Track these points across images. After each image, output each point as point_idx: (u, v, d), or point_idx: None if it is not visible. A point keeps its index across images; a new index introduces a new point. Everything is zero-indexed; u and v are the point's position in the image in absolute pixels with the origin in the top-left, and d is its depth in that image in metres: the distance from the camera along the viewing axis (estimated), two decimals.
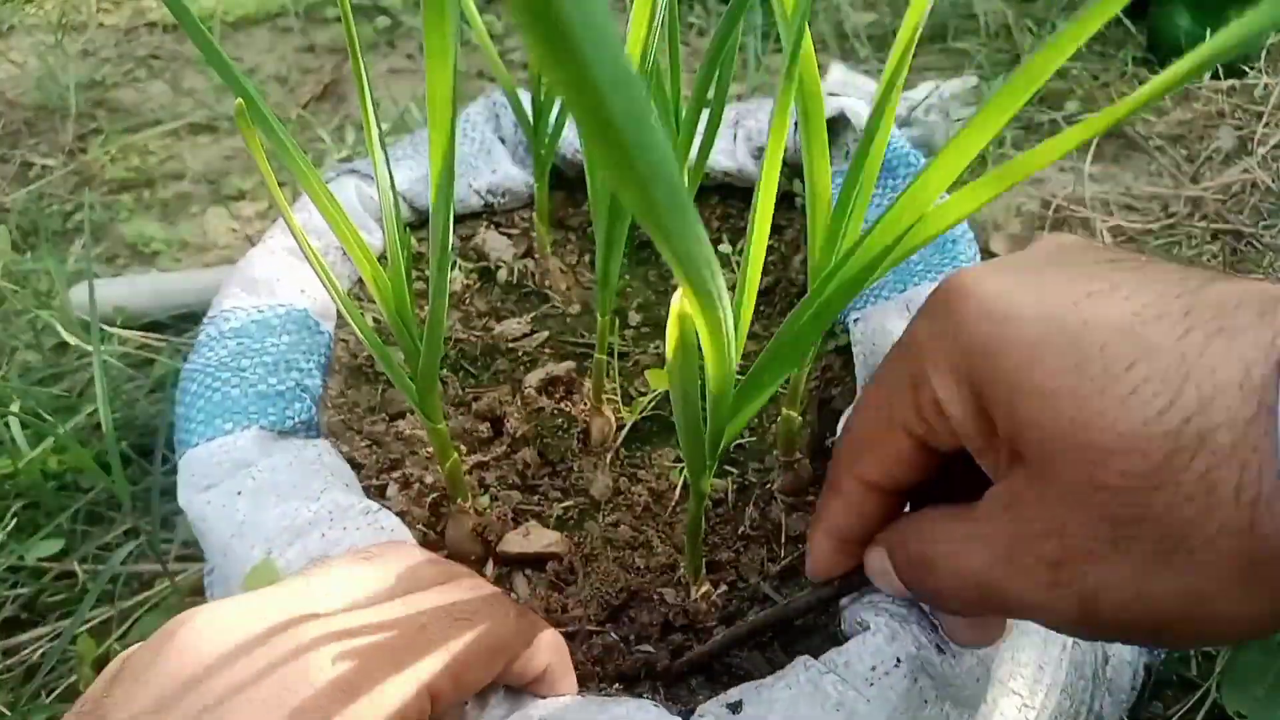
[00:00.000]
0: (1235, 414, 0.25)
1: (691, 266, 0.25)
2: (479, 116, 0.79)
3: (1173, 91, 0.35)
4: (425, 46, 0.33)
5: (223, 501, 0.50)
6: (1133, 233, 1.04)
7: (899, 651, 0.40)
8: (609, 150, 0.18)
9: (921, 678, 0.40)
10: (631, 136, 0.18)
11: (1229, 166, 1.11)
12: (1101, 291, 0.28)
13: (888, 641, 0.40)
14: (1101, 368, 0.27)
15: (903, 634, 0.40)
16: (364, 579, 0.37)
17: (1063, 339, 0.28)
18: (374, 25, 1.63)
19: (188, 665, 0.31)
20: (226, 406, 0.55)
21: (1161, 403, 0.26)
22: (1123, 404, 0.26)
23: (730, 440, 0.41)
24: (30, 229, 1.17)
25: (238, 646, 0.32)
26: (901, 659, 0.40)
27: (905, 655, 0.40)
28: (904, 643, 0.40)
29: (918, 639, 0.40)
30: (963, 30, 1.45)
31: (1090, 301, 0.28)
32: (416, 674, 0.33)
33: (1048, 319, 0.29)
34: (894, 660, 0.39)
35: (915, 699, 0.39)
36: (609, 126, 0.17)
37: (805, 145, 0.42)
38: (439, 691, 0.34)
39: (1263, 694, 0.56)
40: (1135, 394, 0.26)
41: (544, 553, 0.52)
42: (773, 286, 0.71)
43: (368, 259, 0.42)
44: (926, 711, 0.39)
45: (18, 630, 0.72)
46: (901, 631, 0.40)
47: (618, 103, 0.17)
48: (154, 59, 1.59)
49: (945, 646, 0.41)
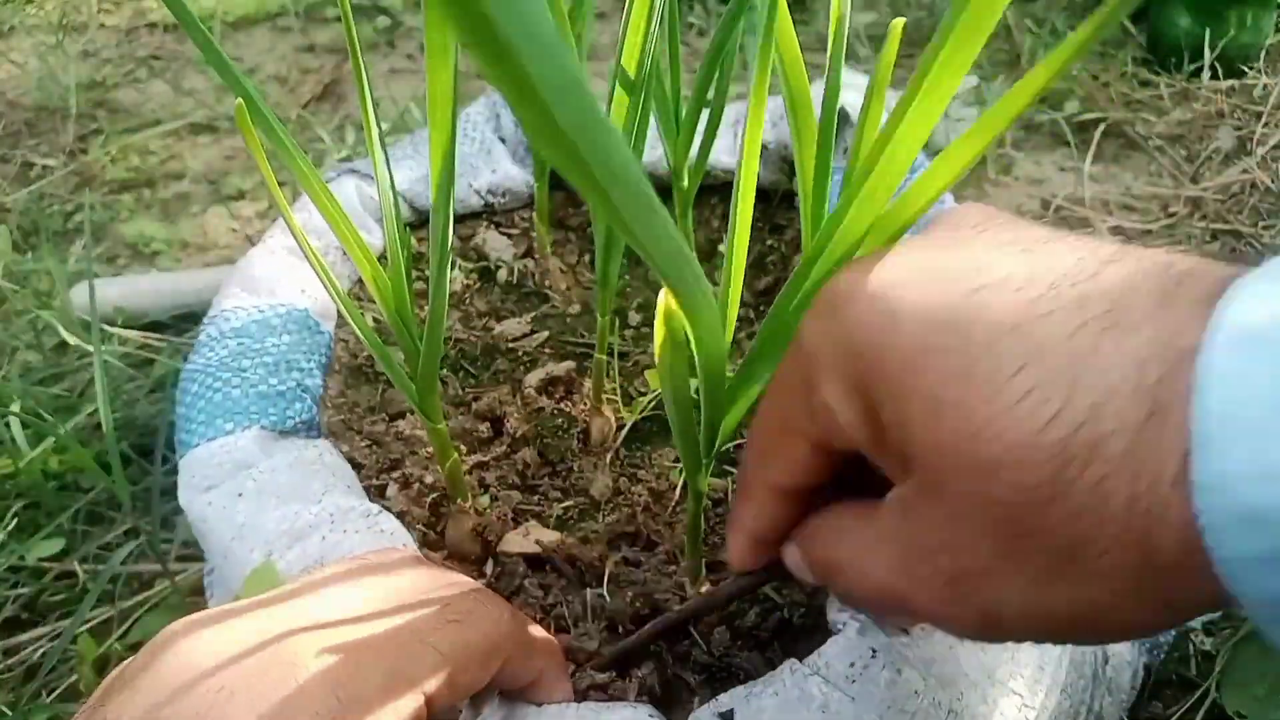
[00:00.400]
0: (1127, 419, 0.23)
1: (667, 262, 0.25)
2: (479, 116, 0.79)
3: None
4: (426, 46, 0.33)
5: (223, 503, 0.50)
6: (1133, 233, 1.04)
7: (872, 643, 0.40)
8: (561, 155, 0.18)
9: (905, 669, 0.39)
10: (581, 142, 0.17)
11: (1229, 166, 1.11)
12: (994, 283, 0.26)
13: (860, 635, 0.40)
14: (989, 372, 0.25)
15: (872, 625, 0.40)
16: (357, 586, 0.37)
17: (952, 339, 0.26)
18: (374, 25, 1.62)
19: (180, 673, 0.31)
20: (227, 407, 0.55)
21: (1050, 410, 0.24)
22: (1010, 413, 0.25)
23: (726, 437, 0.41)
24: (31, 229, 1.17)
25: (230, 655, 0.31)
26: (877, 649, 0.39)
27: (880, 645, 0.40)
28: (875, 634, 0.40)
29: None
30: None
31: (980, 296, 0.26)
32: (412, 681, 0.33)
33: (936, 318, 0.27)
34: (869, 652, 0.39)
35: (903, 690, 0.39)
36: (557, 132, 0.17)
37: (795, 138, 0.42)
38: (434, 695, 0.34)
39: (1263, 694, 0.56)
40: (1023, 401, 0.24)
41: (544, 551, 0.52)
42: (772, 286, 0.71)
43: (368, 259, 0.42)
44: (919, 703, 0.39)
45: (18, 630, 0.72)
46: (870, 623, 0.40)
47: (564, 110, 0.16)
48: (154, 59, 1.59)
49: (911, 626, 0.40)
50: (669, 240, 0.24)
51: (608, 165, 0.18)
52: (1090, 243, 0.27)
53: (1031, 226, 0.30)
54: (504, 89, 0.16)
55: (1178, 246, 1.01)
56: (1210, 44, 1.24)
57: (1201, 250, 1.00)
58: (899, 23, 0.34)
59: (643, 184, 0.20)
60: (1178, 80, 1.27)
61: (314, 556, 0.46)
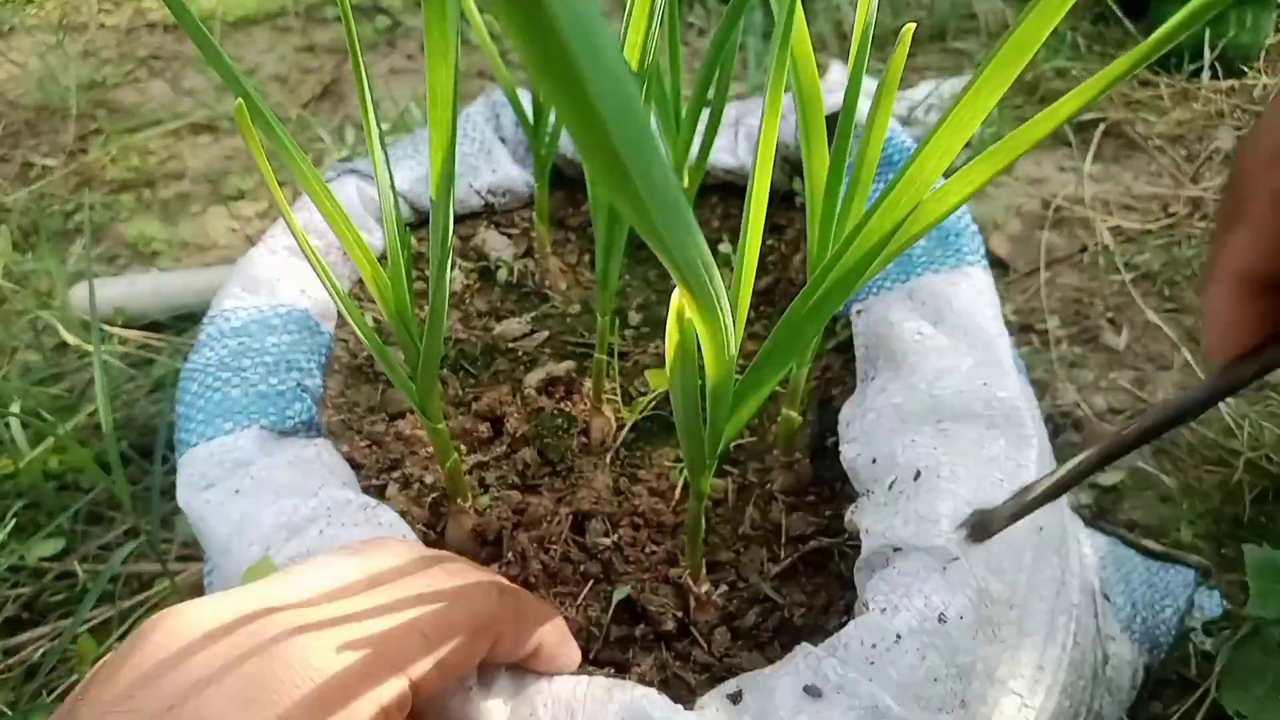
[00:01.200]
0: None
1: (690, 272, 0.25)
2: (480, 116, 0.79)
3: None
4: (426, 46, 0.33)
5: (221, 500, 0.50)
6: (1132, 233, 1.04)
7: (900, 627, 0.39)
8: (609, 173, 0.18)
9: (931, 654, 0.39)
10: (632, 161, 0.18)
11: (1229, 166, 1.11)
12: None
13: (887, 618, 0.40)
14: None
15: (904, 608, 0.40)
16: (343, 571, 0.37)
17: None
18: (374, 25, 1.63)
19: (157, 658, 0.30)
20: (227, 406, 0.55)
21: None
22: None
23: (730, 440, 0.41)
24: (31, 229, 1.17)
25: (206, 638, 0.31)
26: (902, 634, 0.39)
27: (906, 630, 0.39)
28: (906, 617, 0.39)
29: (921, 613, 0.40)
30: (963, 30, 1.45)
31: None
32: (394, 665, 0.32)
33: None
34: (894, 636, 0.39)
35: (923, 675, 0.38)
36: (611, 151, 0.17)
37: (804, 140, 0.42)
38: (419, 679, 0.33)
39: (1263, 694, 0.56)
40: None
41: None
42: (772, 286, 0.71)
43: (368, 259, 0.42)
44: (936, 689, 0.39)
45: (18, 630, 0.72)
46: (903, 606, 0.40)
47: (618, 127, 0.17)
48: (154, 59, 1.59)
49: (947, 615, 0.40)
50: (697, 251, 0.24)
51: (651, 181, 0.19)
52: None
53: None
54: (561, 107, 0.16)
55: (1177, 246, 1.01)
56: (1210, 44, 1.24)
57: (1201, 250, 1.00)
58: (909, 28, 0.34)
59: (679, 198, 0.21)
60: (1178, 80, 1.26)
61: (312, 549, 0.46)
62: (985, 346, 0.52)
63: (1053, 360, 0.90)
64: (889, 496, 0.46)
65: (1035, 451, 0.47)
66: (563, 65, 0.15)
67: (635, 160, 0.18)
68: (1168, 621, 0.61)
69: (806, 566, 0.52)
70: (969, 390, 0.49)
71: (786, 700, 0.38)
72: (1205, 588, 0.65)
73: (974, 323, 0.54)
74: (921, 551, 0.42)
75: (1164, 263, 1.00)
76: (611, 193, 0.19)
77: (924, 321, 0.55)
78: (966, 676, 0.40)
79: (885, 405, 0.51)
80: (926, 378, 0.51)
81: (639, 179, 0.18)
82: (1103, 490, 0.78)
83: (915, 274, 0.59)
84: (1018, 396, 0.49)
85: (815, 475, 0.56)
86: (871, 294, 0.60)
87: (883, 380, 0.53)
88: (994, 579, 0.42)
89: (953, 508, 0.43)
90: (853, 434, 0.52)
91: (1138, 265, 1.00)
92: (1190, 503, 0.76)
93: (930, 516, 0.43)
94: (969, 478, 0.45)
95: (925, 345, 0.53)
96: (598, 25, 0.15)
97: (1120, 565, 0.63)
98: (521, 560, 0.52)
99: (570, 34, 0.14)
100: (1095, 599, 0.55)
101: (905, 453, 0.47)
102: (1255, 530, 0.73)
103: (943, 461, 0.46)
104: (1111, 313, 0.95)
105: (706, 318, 0.30)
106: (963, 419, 0.48)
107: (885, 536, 0.44)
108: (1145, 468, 0.79)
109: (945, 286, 0.57)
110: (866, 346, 0.57)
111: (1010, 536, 0.43)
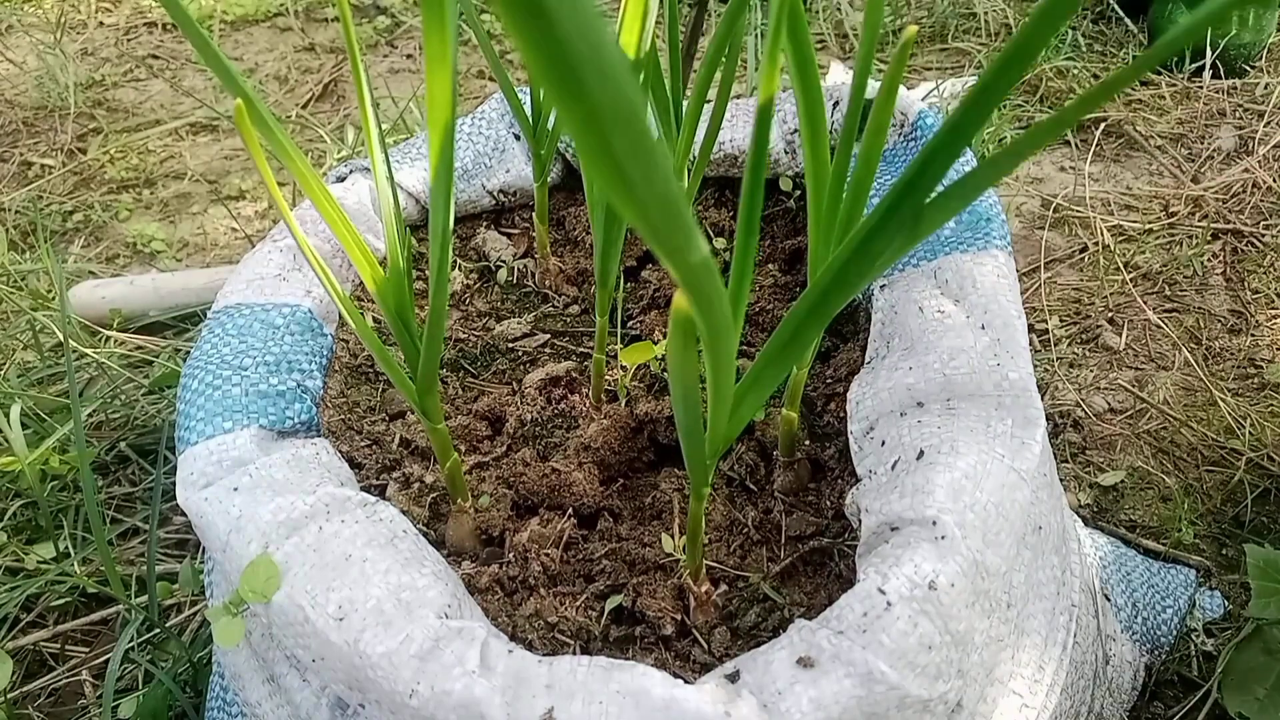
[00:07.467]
0: None
1: (690, 273, 0.25)
2: (494, 113, 0.79)
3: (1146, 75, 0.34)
4: (424, 48, 0.33)
5: (220, 498, 0.50)
6: (1133, 233, 1.04)
7: (890, 595, 0.39)
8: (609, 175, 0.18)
9: (923, 621, 0.39)
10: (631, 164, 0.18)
11: (1229, 166, 1.11)
12: None
13: (878, 586, 0.40)
14: None
15: (894, 576, 0.40)
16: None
17: None
18: (374, 25, 1.62)
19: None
20: (227, 405, 0.55)
21: None
22: None
23: (730, 439, 0.41)
24: (29, 229, 1.17)
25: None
26: (893, 602, 0.39)
27: (897, 597, 0.39)
28: (895, 584, 0.40)
29: (911, 579, 0.40)
30: (963, 30, 1.45)
31: None
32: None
33: None
34: (884, 604, 0.39)
35: (916, 643, 0.39)
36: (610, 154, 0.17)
37: (805, 140, 0.42)
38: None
39: (1263, 695, 0.56)
40: None
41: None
42: (759, 279, 0.71)
43: (367, 259, 0.42)
44: (931, 657, 0.39)
45: (18, 631, 0.72)
46: (893, 575, 0.40)
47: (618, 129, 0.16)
48: (154, 59, 1.59)
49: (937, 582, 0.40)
50: (694, 252, 0.24)
51: (655, 191, 0.19)
52: None
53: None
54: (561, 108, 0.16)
55: (1177, 246, 1.01)
56: (1211, 43, 1.24)
57: (1201, 250, 1.00)
58: (912, 30, 0.34)
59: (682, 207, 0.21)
60: (1179, 79, 1.26)
61: (311, 546, 0.46)
62: (1003, 326, 0.53)
63: (1052, 360, 0.90)
64: (890, 476, 0.47)
65: (1042, 430, 0.47)
66: (563, 66, 0.15)
67: (635, 163, 0.18)
68: (1168, 622, 0.61)
69: (806, 566, 0.52)
70: (981, 370, 0.50)
71: (783, 672, 0.38)
72: (1206, 588, 0.65)
73: (995, 303, 0.54)
74: (914, 524, 0.43)
75: (1164, 263, 1.00)
76: (611, 194, 0.19)
77: (946, 299, 0.56)
78: (963, 646, 0.40)
79: (898, 384, 0.51)
80: (941, 357, 0.51)
81: (639, 181, 0.18)
82: (1103, 490, 0.78)
83: (943, 253, 0.59)
84: (1029, 378, 0.49)
85: (815, 475, 0.56)
86: (897, 270, 0.60)
87: (895, 358, 0.54)
88: (990, 551, 0.42)
89: (949, 479, 0.44)
90: (863, 412, 0.52)
91: (1138, 265, 1.00)
92: (1191, 503, 0.76)
93: (925, 489, 0.43)
94: (970, 453, 0.45)
95: (944, 324, 0.53)
96: (598, 26, 0.15)
97: (1121, 565, 0.63)
98: (522, 560, 0.52)
99: (570, 35, 0.14)
100: (1096, 599, 0.55)
101: (911, 434, 0.48)
102: (1256, 530, 0.73)
103: (944, 439, 0.46)
104: (1111, 312, 0.95)
105: (706, 319, 0.30)
106: (972, 398, 0.49)
107: (883, 514, 0.44)
108: (1146, 467, 0.79)
109: (971, 265, 0.57)
110: (883, 322, 0.57)
111: (1008, 514, 0.43)
